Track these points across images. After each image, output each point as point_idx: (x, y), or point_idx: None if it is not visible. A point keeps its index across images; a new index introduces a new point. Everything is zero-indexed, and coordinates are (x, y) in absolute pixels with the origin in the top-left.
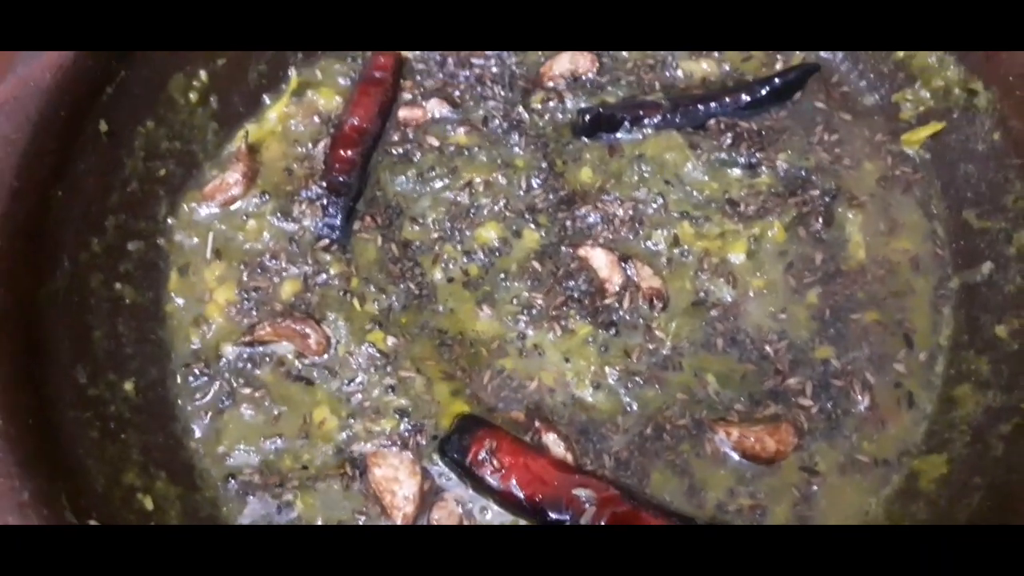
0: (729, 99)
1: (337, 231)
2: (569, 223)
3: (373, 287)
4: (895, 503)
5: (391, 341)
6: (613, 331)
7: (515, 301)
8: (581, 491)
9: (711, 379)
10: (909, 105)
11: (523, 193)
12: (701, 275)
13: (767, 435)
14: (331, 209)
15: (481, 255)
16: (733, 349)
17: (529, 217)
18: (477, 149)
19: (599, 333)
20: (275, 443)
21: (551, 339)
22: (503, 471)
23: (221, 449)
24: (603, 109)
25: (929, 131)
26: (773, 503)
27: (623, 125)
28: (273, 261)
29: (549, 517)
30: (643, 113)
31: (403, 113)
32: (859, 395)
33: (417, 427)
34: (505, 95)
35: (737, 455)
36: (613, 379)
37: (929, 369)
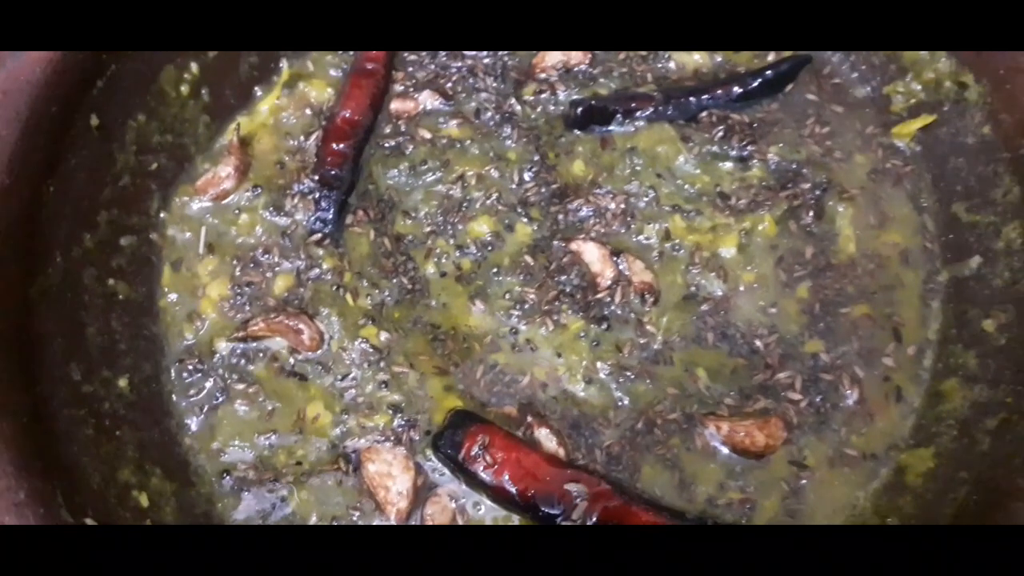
0: (721, 91)
1: (330, 225)
2: (561, 217)
3: (366, 282)
4: (883, 497)
5: (384, 336)
6: (605, 326)
7: (507, 296)
8: (573, 486)
9: (702, 373)
10: (900, 97)
11: (515, 186)
12: (692, 269)
13: (757, 429)
14: (323, 203)
15: (474, 249)
16: (724, 343)
17: (521, 211)
18: (469, 142)
19: (591, 328)
20: (269, 439)
21: (543, 334)
22: (496, 466)
23: (215, 445)
24: (595, 101)
25: (920, 124)
26: (762, 497)
27: (615, 117)
28: (266, 256)
29: (541, 512)
30: (635, 105)
31: (395, 105)
32: (848, 389)
33: (410, 422)
34: (497, 87)
35: (727, 449)
36: (605, 374)
37: (917, 363)
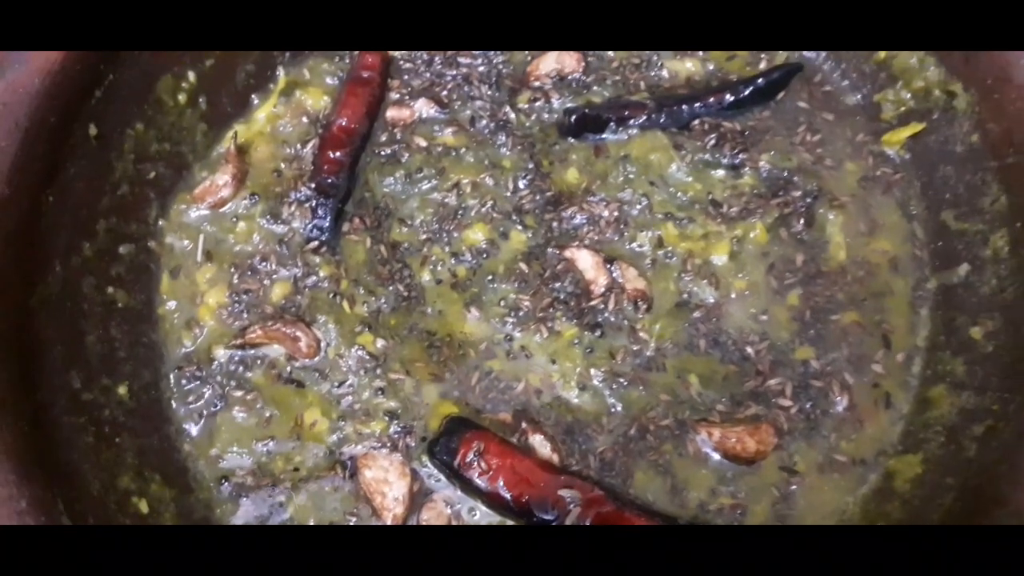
0: (713, 99)
1: (326, 233)
2: (555, 224)
3: (362, 289)
4: (871, 502)
5: (380, 343)
6: (598, 333)
7: (502, 303)
8: (567, 492)
9: (694, 380)
10: (890, 105)
11: (510, 194)
12: (684, 276)
13: (748, 435)
14: (320, 211)
15: (469, 257)
16: (715, 350)
17: (516, 218)
18: (464, 150)
19: (584, 335)
20: (267, 445)
21: (538, 341)
22: (491, 472)
23: (214, 451)
24: (589, 109)
25: (909, 132)
26: (753, 502)
27: (609, 125)
28: (263, 263)
29: (535, 517)
30: (628, 113)
31: (391, 113)
32: (838, 396)
33: (406, 429)
34: (492, 95)
35: (718, 455)
36: (598, 380)
37: (906, 370)
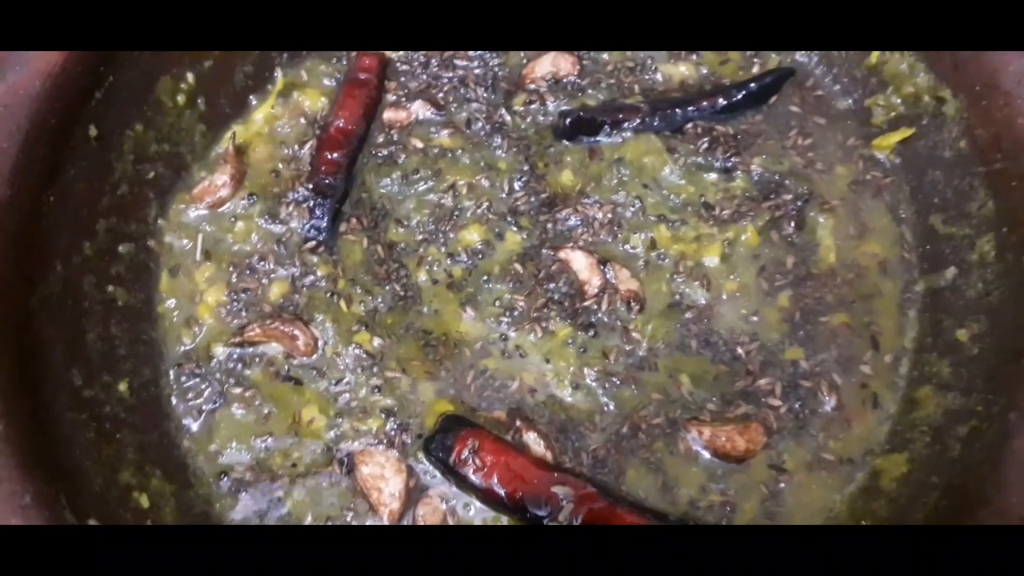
0: (706, 103)
1: (323, 233)
2: (550, 226)
3: (359, 288)
4: (858, 500)
5: (377, 342)
6: (592, 333)
7: (497, 303)
8: (560, 488)
9: (685, 380)
10: (881, 110)
11: (505, 195)
12: (677, 278)
13: (737, 434)
14: (317, 211)
15: (465, 257)
16: (707, 350)
17: (511, 220)
18: (460, 151)
19: (578, 335)
20: (265, 441)
21: (532, 340)
22: (485, 469)
23: (213, 447)
24: (583, 112)
25: (899, 136)
26: (742, 500)
27: (603, 128)
28: (261, 263)
29: (529, 513)
30: (622, 116)
31: (388, 115)
32: (826, 396)
33: (402, 426)
34: (488, 97)
35: (709, 453)
36: (591, 379)
37: (894, 371)
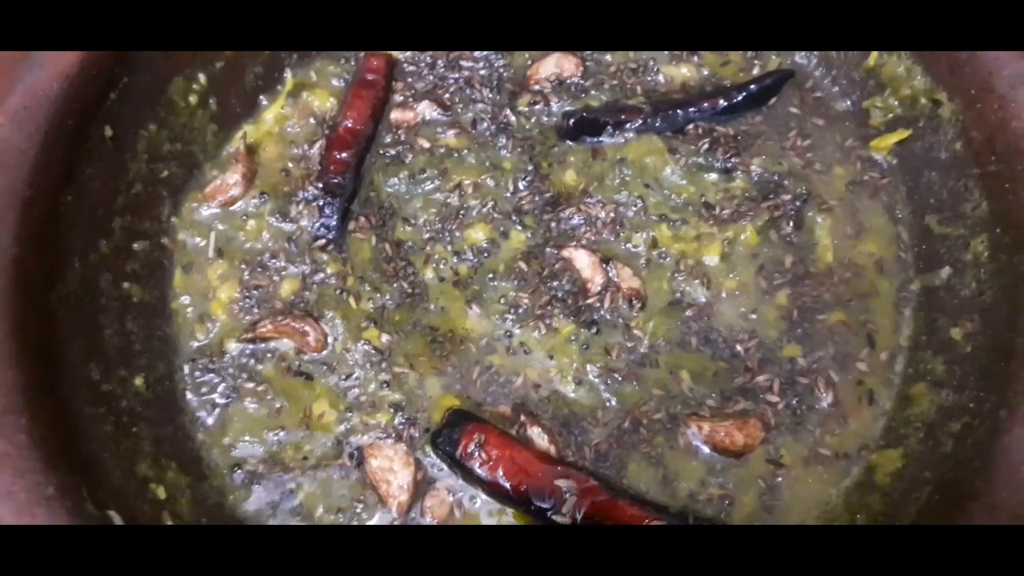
0: (707, 104)
1: (333, 231)
2: (554, 224)
3: (368, 286)
4: (853, 494)
5: (385, 338)
6: (594, 330)
7: (502, 300)
8: (563, 482)
9: (685, 376)
10: (878, 112)
11: (510, 195)
12: (677, 276)
13: (736, 429)
14: (327, 210)
15: (470, 255)
16: (706, 347)
17: (516, 219)
18: (466, 151)
19: (581, 332)
20: (277, 435)
21: (536, 337)
22: (491, 463)
23: (227, 440)
24: (587, 113)
25: (896, 138)
26: (741, 493)
27: (606, 129)
28: (273, 260)
29: (533, 506)
30: (625, 117)
31: (395, 115)
32: (823, 392)
33: (410, 420)
34: (493, 98)
35: (708, 448)
36: (594, 375)
37: (889, 368)
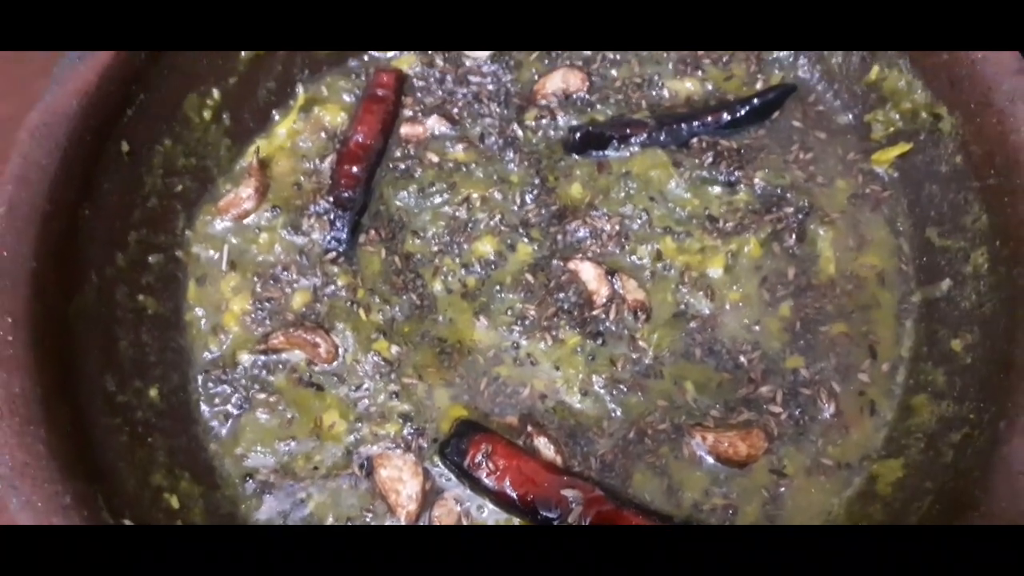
0: (711, 118)
1: (344, 244)
2: (560, 237)
3: (378, 298)
4: (855, 504)
5: (395, 350)
6: (600, 341)
7: (509, 312)
8: (569, 492)
9: (689, 387)
10: (880, 126)
11: (517, 208)
12: (682, 288)
13: (740, 440)
14: (338, 223)
15: (478, 268)
16: (710, 359)
17: (523, 231)
18: (474, 165)
19: (587, 343)
20: (289, 445)
21: (543, 348)
22: (498, 473)
23: (239, 451)
24: (592, 127)
25: (898, 151)
26: (744, 503)
27: (611, 143)
28: (284, 273)
29: (540, 515)
30: (630, 131)
31: (405, 130)
32: (825, 403)
33: (419, 431)
34: (501, 112)
35: (712, 458)
36: (599, 386)
37: (891, 379)
